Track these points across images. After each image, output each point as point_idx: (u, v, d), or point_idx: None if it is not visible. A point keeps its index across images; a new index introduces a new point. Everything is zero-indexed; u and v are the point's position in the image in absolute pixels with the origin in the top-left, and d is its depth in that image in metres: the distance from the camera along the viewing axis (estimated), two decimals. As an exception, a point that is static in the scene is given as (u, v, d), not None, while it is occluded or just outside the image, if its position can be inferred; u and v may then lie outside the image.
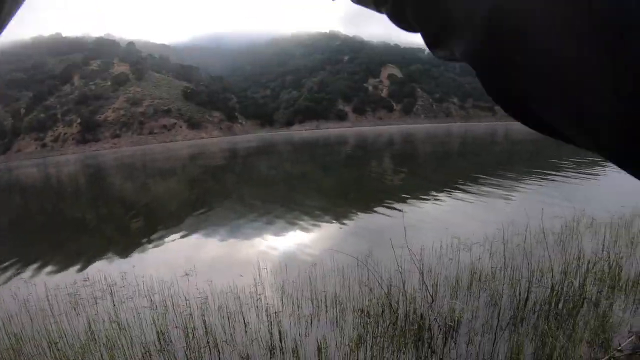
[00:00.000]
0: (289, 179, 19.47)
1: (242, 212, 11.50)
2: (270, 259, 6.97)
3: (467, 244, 6.95)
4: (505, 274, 5.39)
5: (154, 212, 12.97)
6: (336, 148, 39.51)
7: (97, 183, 21.90)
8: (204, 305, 5.08)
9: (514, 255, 5.92)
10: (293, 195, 14.36)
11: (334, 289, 5.40)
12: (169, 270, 6.40)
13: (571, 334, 3.99)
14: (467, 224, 8.40)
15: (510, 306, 4.64)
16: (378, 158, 28.59)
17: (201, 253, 7.95)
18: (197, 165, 29.48)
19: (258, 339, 4.34)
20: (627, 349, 3.81)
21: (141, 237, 9.67)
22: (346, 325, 4.55)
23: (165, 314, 4.88)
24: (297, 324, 4.67)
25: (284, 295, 5.37)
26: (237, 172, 21.90)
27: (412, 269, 5.34)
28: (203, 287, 5.70)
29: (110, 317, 4.90)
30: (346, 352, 4.03)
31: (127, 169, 29.17)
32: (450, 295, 5.03)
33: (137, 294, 5.65)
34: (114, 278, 6.29)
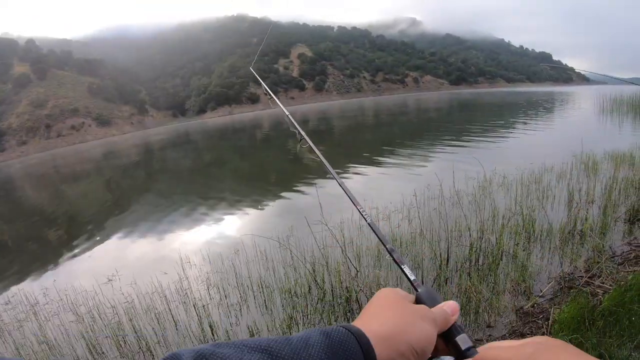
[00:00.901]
0: (205, 168, 18.89)
1: (161, 208, 11.06)
2: (192, 252, 6.66)
3: (385, 213, 6.99)
4: (425, 237, 5.38)
5: (72, 220, 12.10)
6: (250, 132, 38.92)
7: (7, 197, 20.11)
8: (131, 309, 4.76)
9: (432, 219, 5.99)
10: (210, 183, 13.98)
11: (259, 273, 5.27)
12: (92, 279, 5.89)
13: (494, 286, 4.12)
14: (385, 194, 8.49)
15: (433, 267, 4.70)
16: (292, 138, 28.52)
17: (123, 256, 7.53)
18: (111, 164, 27.91)
19: (189, 335, 4.17)
20: (549, 293, 3.94)
21: (60, 248, 9.05)
22: (275, 307, 4.49)
23: (93, 325, 4.57)
24: (227, 314, 4.55)
25: (210, 286, 5.19)
26: (152, 168, 21.00)
27: (334, 244, 5.24)
28: (128, 291, 5.35)
29: (37, 338, 4.51)
30: (278, 333, 3.92)
31: (39, 178, 27.04)
32: (373, 264, 5.02)
33: (62, 309, 5.23)
34: (36, 296, 5.74)
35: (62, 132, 75.65)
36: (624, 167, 7.87)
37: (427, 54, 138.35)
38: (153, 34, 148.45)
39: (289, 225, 6.98)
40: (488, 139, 15.45)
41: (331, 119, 42.92)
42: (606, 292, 3.57)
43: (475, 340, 3.38)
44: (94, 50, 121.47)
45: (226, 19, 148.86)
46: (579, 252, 4.67)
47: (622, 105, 21.27)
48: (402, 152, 14.29)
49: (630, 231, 5.17)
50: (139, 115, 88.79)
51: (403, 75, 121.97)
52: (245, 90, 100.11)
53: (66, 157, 40.51)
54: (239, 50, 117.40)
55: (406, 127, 27.42)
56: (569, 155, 9.19)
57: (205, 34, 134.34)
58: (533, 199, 6.60)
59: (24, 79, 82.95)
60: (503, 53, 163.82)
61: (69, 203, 15.23)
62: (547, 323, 3.31)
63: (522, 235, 5.12)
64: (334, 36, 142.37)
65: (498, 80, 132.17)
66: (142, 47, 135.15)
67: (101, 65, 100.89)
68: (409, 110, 45.63)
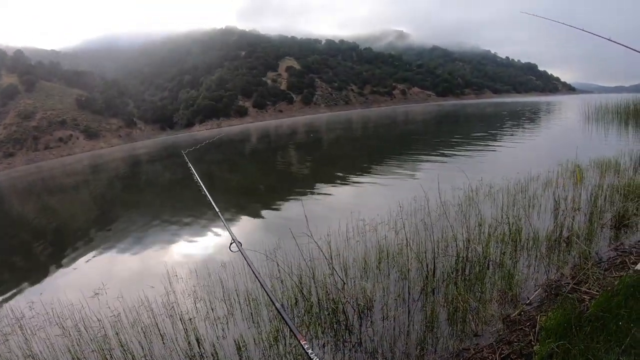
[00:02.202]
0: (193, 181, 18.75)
1: (148, 222, 10.92)
2: (179, 265, 6.63)
3: (372, 225, 6.97)
4: (411, 249, 5.38)
5: (58, 234, 11.96)
6: (239, 145, 38.82)
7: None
8: (117, 323, 4.72)
9: (418, 230, 5.99)
10: (199, 197, 13.85)
11: (246, 286, 5.24)
12: (78, 293, 5.79)
13: (481, 295, 4.12)
14: (372, 206, 8.52)
15: (420, 278, 4.68)
16: (281, 150, 28.52)
17: (109, 270, 7.45)
18: (98, 178, 27.67)
19: (176, 349, 4.12)
20: (536, 301, 3.94)
21: (46, 261, 8.97)
22: (262, 320, 4.46)
23: (79, 339, 4.51)
24: (214, 327, 4.51)
25: (197, 300, 5.16)
26: (140, 181, 20.83)
27: (321, 256, 5.23)
28: (114, 304, 5.30)
29: (23, 352, 4.47)
30: (265, 346, 3.94)
31: (25, 190, 26.80)
32: (360, 276, 5.02)
33: (48, 323, 5.16)
34: (21, 310, 5.67)
35: (49, 144, 74.86)
36: (610, 174, 7.95)
37: (414, 66, 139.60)
38: (141, 45, 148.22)
39: (275, 237, 6.95)
40: (474, 149, 15.56)
41: (319, 131, 42.96)
42: (593, 297, 3.57)
43: (462, 349, 3.38)
44: (82, 61, 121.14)
45: (214, 32, 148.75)
46: (566, 259, 4.68)
47: (607, 113, 21.53)
48: (388, 164, 14.36)
49: (617, 237, 5.20)
50: (127, 128, 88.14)
51: (391, 87, 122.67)
52: (234, 103, 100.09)
53: (55, 169, 40.06)
54: (227, 63, 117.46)
55: (392, 139, 27.51)
56: (555, 164, 9.28)
57: (193, 47, 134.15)
58: (519, 208, 6.62)
59: (12, 90, 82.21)
60: (489, 64, 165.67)
61: (55, 216, 15.02)
62: (534, 330, 3.29)
63: (509, 244, 5.13)
64: (321, 49, 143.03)
65: (485, 91, 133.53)
66: (130, 59, 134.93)
67: (90, 77, 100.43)
68: (396, 122, 45.85)
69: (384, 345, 3.67)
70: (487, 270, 4.52)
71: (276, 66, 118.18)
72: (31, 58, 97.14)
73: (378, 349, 3.64)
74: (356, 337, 3.87)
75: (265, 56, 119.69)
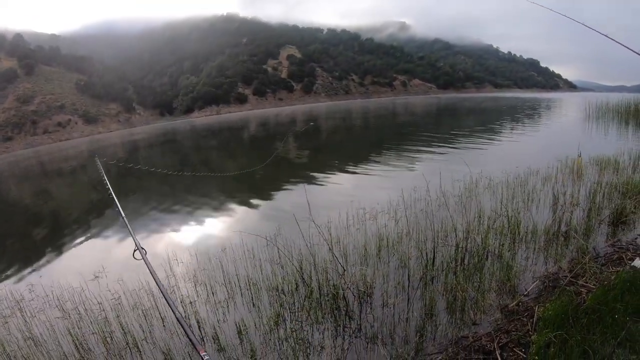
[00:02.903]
0: (193, 166, 18.73)
1: (148, 206, 10.90)
2: (180, 249, 6.63)
3: (372, 214, 7.05)
4: (411, 237, 5.44)
5: (57, 217, 11.90)
6: (238, 132, 38.66)
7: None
8: (118, 306, 4.74)
9: (418, 220, 6.04)
10: (197, 183, 13.85)
11: (246, 271, 5.25)
12: (78, 276, 5.80)
13: (479, 285, 4.16)
14: (372, 195, 8.57)
15: (420, 267, 4.73)
16: (280, 138, 28.44)
17: (109, 253, 7.41)
18: (93, 166, 27.35)
19: (177, 332, 4.14)
20: (533, 292, 3.99)
21: (45, 244, 8.87)
22: (262, 305, 4.48)
23: (80, 322, 4.51)
24: (214, 311, 4.53)
25: (197, 284, 5.17)
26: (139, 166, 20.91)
27: (321, 242, 5.26)
28: (114, 287, 5.29)
29: (23, 334, 4.46)
30: (266, 331, 3.96)
31: (23, 174, 26.53)
32: (360, 263, 5.05)
33: (48, 305, 5.16)
34: (21, 292, 5.67)
35: (48, 128, 74.24)
36: (609, 171, 7.98)
37: (415, 58, 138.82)
38: (141, 31, 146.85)
39: (276, 223, 6.99)
40: (474, 142, 15.59)
41: (318, 119, 42.79)
42: (590, 291, 3.62)
43: (461, 337, 3.43)
44: (81, 46, 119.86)
45: (215, 18, 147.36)
46: (563, 253, 4.73)
47: (607, 112, 21.55)
48: (387, 155, 14.37)
49: (614, 233, 5.25)
50: (126, 114, 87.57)
51: (391, 78, 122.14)
52: (234, 90, 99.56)
53: (53, 154, 39.83)
54: (228, 50, 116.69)
55: (391, 130, 27.46)
56: (554, 159, 9.33)
57: (194, 33, 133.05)
58: (518, 201, 6.68)
59: (11, 73, 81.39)
60: (491, 59, 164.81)
61: (52, 200, 15.02)
62: (531, 321, 3.35)
63: (507, 236, 5.19)
64: (323, 38, 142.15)
65: (486, 85, 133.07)
66: (129, 45, 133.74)
67: (89, 62, 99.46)
68: (395, 114, 45.74)
69: (384, 332, 3.71)
70: (486, 261, 4.57)
71: (277, 54, 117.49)
72: (30, 42, 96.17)
73: (378, 335, 3.67)
74: (356, 323, 3.90)
75: (266, 44, 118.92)
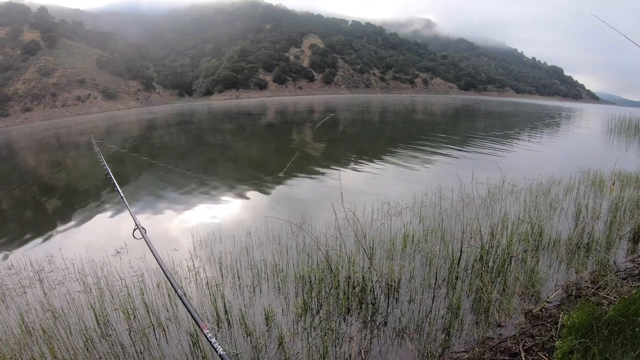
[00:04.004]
0: (212, 148, 18.85)
1: (166, 185, 10.89)
2: (203, 230, 6.68)
3: (397, 209, 7.13)
4: (436, 236, 5.56)
5: (75, 190, 11.91)
6: (257, 117, 38.74)
7: (7, 162, 19.93)
8: (141, 283, 4.80)
9: (443, 219, 6.14)
10: (219, 165, 13.98)
11: (273, 257, 5.34)
12: (99, 250, 5.92)
13: (503, 288, 4.26)
14: (396, 191, 8.64)
15: (445, 266, 4.83)
16: (300, 126, 28.45)
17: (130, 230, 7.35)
18: (114, 138, 27.57)
19: (203, 312, 4.19)
20: (556, 300, 4.08)
21: (64, 217, 8.81)
22: (289, 292, 4.53)
23: (102, 297, 4.57)
24: (240, 295, 4.59)
25: (222, 266, 5.19)
26: (157, 144, 20.85)
27: (346, 233, 5.36)
28: (137, 264, 5.36)
29: (42, 306, 4.51)
30: (293, 318, 4.04)
31: (41, 145, 26.42)
32: (386, 257, 5.15)
33: (68, 278, 5.20)
34: (41, 263, 5.71)
35: (67, 102, 74.72)
36: (630, 188, 8.02)
37: (438, 57, 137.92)
38: (166, 11, 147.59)
39: (300, 211, 7.15)
40: (494, 147, 15.58)
41: (342, 111, 42.73)
42: (611, 303, 3.73)
43: (486, 338, 3.56)
44: (105, 23, 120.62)
45: (240, 2, 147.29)
46: (585, 264, 4.81)
47: (630, 127, 21.40)
48: (410, 152, 14.40)
49: (634, 249, 5.31)
50: (146, 92, 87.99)
51: (413, 75, 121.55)
52: (254, 75, 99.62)
53: (71, 127, 40.15)
54: (251, 35, 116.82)
55: (412, 128, 27.44)
56: (576, 170, 9.45)
57: (218, 16, 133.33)
58: (541, 209, 6.75)
59: (34, 46, 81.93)
60: (514, 63, 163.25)
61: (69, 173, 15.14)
62: (555, 327, 3.47)
63: (531, 243, 5.28)
64: (347, 30, 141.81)
65: (507, 90, 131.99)
66: (153, 24, 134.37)
67: (112, 38, 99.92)
68: (415, 111, 45.50)
69: (411, 327, 3.81)
70: (510, 265, 4.66)
71: (300, 43, 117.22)
72: (54, 16, 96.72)
73: (405, 330, 3.77)
74: (382, 317, 4.01)
75: (289, 31, 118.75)
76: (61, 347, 3.75)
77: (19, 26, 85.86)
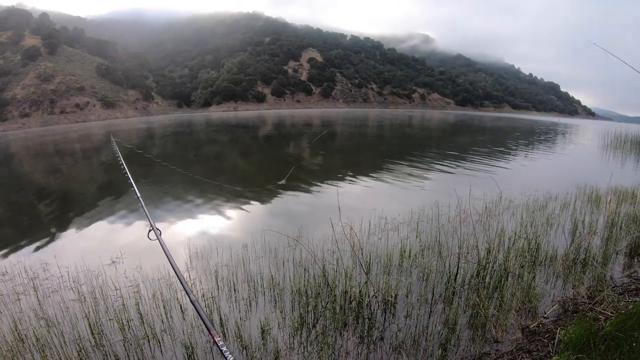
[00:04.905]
0: (209, 159, 18.85)
1: (162, 195, 10.85)
2: (198, 242, 6.65)
3: (394, 224, 7.13)
4: (433, 251, 5.56)
5: (71, 198, 11.86)
6: (255, 130, 38.82)
7: (3, 167, 19.88)
8: (136, 294, 4.77)
9: (440, 234, 6.12)
10: (215, 176, 13.93)
11: (269, 270, 5.33)
12: (95, 259, 5.86)
13: (500, 304, 4.26)
14: (393, 205, 8.62)
15: (441, 281, 4.83)
16: (297, 140, 28.51)
17: (126, 239, 7.34)
18: (111, 147, 27.20)
19: (199, 325, 4.14)
20: (553, 316, 4.09)
21: (60, 224, 8.78)
22: (286, 306, 4.51)
23: (96, 306, 4.52)
24: (236, 308, 4.56)
25: (218, 279, 5.15)
26: (154, 154, 20.91)
27: (343, 247, 5.37)
28: (133, 274, 5.34)
29: (36, 313, 4.48)
30: (289, 332, 4.01)
31: (38, 152, 26.44)
32: (383, 272, 5.14)
33: (63, 286, 5.16)
34: (35, 270, 5.67)
35: (65, 108, 74.65)
36: (626, 203, 8.06)
37: (436, 72, 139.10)
38: (167, 21, 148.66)
39: (296, 225, 7.09)
40: (490, 162, 15.65)
41: (335, 125, 42.80)
42: (608, 318, 3.73)
43: (483, 354, 3.56)
44: (106, 31, 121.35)
45: (240, 15, 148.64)
46: (581, 280, 4.81)
47: (626, 143, 21.55)
48: (407, 167, 14.44)
49: (630, 265, 5.33)
50: (144, 102, 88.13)
51: (410, 90, 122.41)
52: (253, 88, 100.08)
53: (69, 134, 40.00)
54: (250, 48, 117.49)
55: (413, 142, 27.56)
56: (573, 186, 9.50)
57: (218, 28, 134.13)
58: (538, 224, 6.77)
59: (34, 51, 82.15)
60: (511, 79, 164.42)
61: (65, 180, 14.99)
62: (552, 342, 3.47)
63: (527, 258, 5.28)
64: (346, 44, 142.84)
65: (504, 106, 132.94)
66: (154, 34, 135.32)
67: (112, 47, 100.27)
68: (412, 125, 45.69)
69: (408, 342, 3.80)
70: (507, 280, 4.67)
71: (299, 56, 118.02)
72: (56, 22, 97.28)
73: (401, 346, 3.75)
74: (379, 333, 4.00)
75: (288, 45, 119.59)
76: (54, 356, 3.72)
77: (20, 31, 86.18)
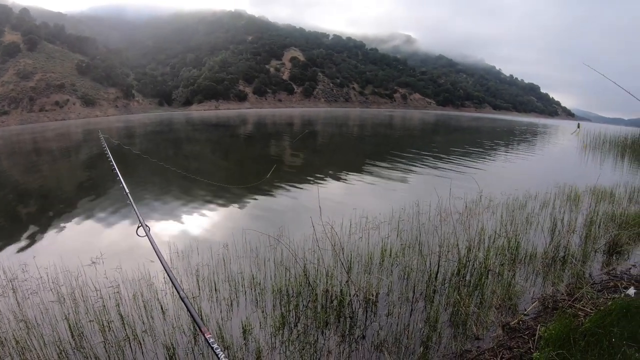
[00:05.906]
0: (189, 158, 18.67)
1: (143, 194, 10.61)
2: (179, 241, 6.55)
3: (375, 223, 7.12)
4: (414, 250, 5.56)
5: (50, 197, 11.53)
6: (236, 129, 38.57)
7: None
8: (116, 294, 4.68)
9: (421, 233, 6.14)
10: (196, 175, 13.79)
11: (250, 269, 5.28)
12: (74, 259, 5.73)
13: (481, 301, 4.28)
14: (374, 204, 8.64)
15: (422, 279, 4.82)
16: (278, 139, 28.41)
17: (106, 239, 7.22)
18: (91, 145, 27.02)
19: (179, 326, 4.10)
20: (533, 313, 4.12)
21: (39, 224, 8.56)
22: (267, 305, 4.48)
23: (76, 308, 4.44)
24: (218, 308, 4.51)
25: (199, 278, 5.09)
26: (134, 153, 20.61)
27: (324, 246, 5.34)
28: (113, 275, 5.24)
29: (15, 315, 4.37)
30: (271, 332, 3.98)
31: (16, 150, 25.80)
32: (364, 271, 5.12)
33: (42, 288, 5.05)
34: (14, 271, 5.51)
35: (45, 106, 73.11)
36: (604, 202, 8.17)
37: (418, 72, 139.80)
38: (148, 18, 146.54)
39: (277, 224, 7.07)
40: (471, 162, 15.78)
41: (316, 124, 42.77)
42: (587, 315, 3.75)
43: (464, 351, 3.56)
44: (87, 27, 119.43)
45: (223, 13, 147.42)
46: (561, 277, 4.86)
47: (604, 143, 21.91)
48: (388, 166, 14.47)
49: (609, 262, 5.40)
50: (125, 100, 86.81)
51: (392, 90, 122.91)
52: (234, 87, 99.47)
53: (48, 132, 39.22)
54: (232, 46, 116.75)
55: (393, 141, 27.64)
56: (552, 185, 9.61)
57: (200, 26, 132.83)
58: (518, 223, 6.83)
59: (14, 48, 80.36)
60: (492, 80, 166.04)
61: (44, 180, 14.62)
62: (533, 339, 3.47)
63: (507, 257, 5.32)
64: (328, 44, 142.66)
65: (485, 106, 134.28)
66: (135, 31, 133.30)
67: (93, 44, 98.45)
68: (393, 125, 45.91)
69: (389, 341, 3.79)
70: (487, 278, 4.69)
71: (281, 55, 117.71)
72: (36, 18, 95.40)
73: (384, 344, 3.74)
74: (360, 331, 3.98)
75: (271, 44, 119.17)
76: (34, 359, 3.64)
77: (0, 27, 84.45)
